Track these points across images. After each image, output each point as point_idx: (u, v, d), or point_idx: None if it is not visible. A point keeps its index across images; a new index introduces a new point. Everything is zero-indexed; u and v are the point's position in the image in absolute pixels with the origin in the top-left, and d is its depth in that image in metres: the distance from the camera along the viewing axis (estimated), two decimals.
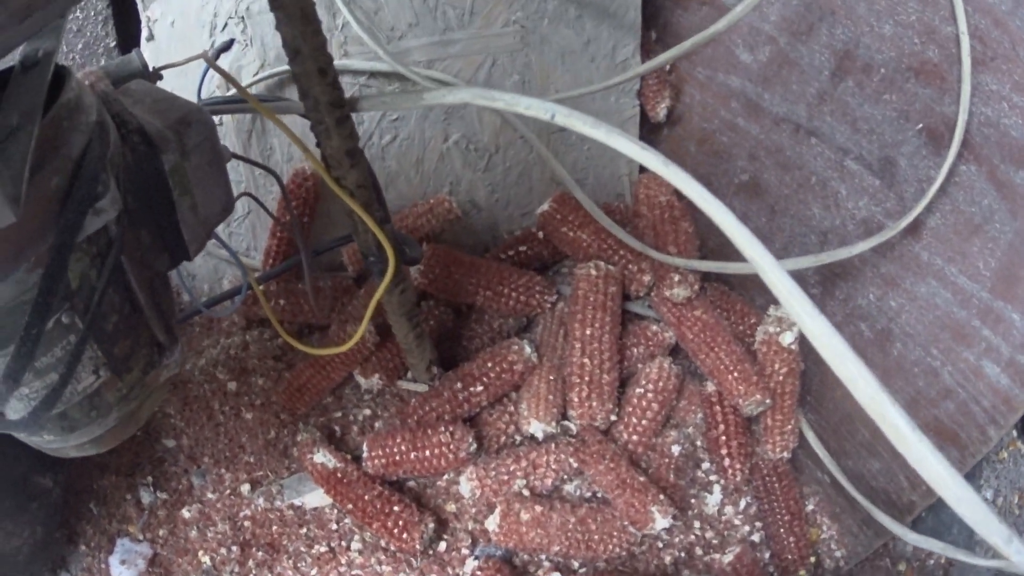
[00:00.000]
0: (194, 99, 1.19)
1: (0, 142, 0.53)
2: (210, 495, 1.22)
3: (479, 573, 1.10)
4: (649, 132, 1.37)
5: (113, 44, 1.43)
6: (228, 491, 1.21)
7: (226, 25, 1.24)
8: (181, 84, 1.27)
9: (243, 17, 1.24)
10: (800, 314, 0.48)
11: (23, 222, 0.55)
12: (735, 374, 1.15)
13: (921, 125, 1.03)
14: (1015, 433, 1.22)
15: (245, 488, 1.21)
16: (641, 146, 0.60)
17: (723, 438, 1.18)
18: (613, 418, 1.18)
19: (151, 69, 0.86)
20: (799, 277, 1.18)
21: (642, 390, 1.18)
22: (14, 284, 0.60)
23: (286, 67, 1.24)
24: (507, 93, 0.68)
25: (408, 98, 0.82)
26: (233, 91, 1.23)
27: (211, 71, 1.21)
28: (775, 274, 0.50)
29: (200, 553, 1.18)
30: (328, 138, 0.85)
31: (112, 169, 0.66)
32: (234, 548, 1.17)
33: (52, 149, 0.60)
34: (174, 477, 1.24)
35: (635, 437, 1.17)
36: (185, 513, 1.20)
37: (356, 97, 0.86)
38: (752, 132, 1.22)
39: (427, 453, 1.14)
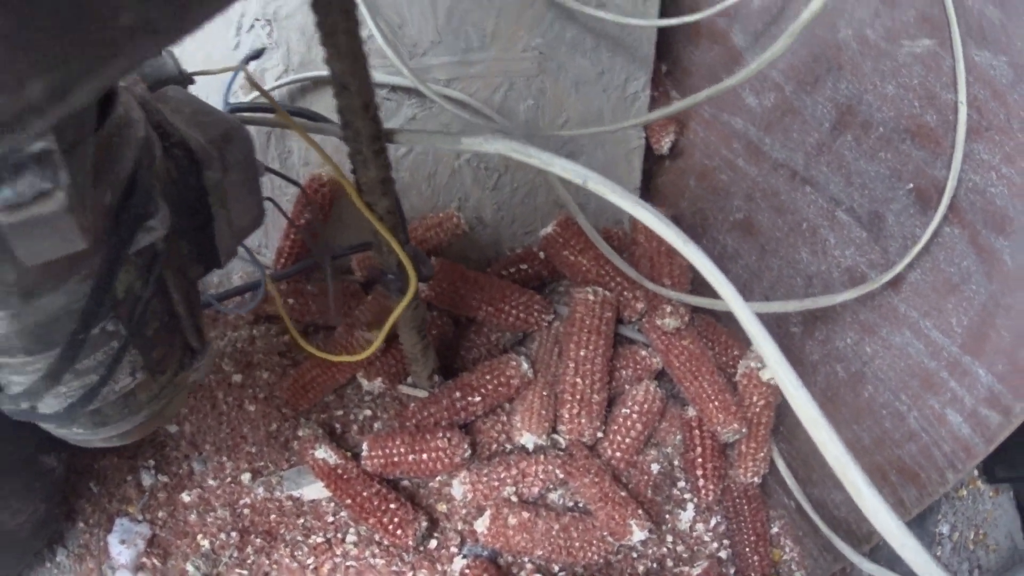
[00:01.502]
0: (220, 102, 1.21)
1: (64, 166, 0.49)
2: (211, 481, 1.25)
3: (467, 571, 1.17)
4: (652, 163, 1.42)
5: None
6: (229, 479, 1.26)
7: (252, 26, 1.25)
8: (203, 81, 1.28)
9: (270, 20, 1.24)
10: (786, 384, 0.56)
11: None
12: (716, 403, 1.22)
13: (911, 185, 1.07)
14: (976, 472, 1.30)
15: (246, 477, 1.26)
16: (666, 223, 0.65)
17: (699, 460, 1.26)
18: (600, 435, 1.25)
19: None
20: (784, 317, 1.25)
21: (628, 410, 1.25)
22: (65, 294, 0.61)
23: (309, 73, 1.26)
24: (543, 152, 0.71)
25: (444, 139, 0.85)
26: (255, 94, 1.25)
27: (240, 75, 1.22)
28: (769, 348, 0.57)
29: (199, 536, 1.21)
30: (366, 168, 0.88)
31: (158, 183, 0.67)
32: (233, 534, 1.21)
33: (106, 166, 0.59)
34: (175, 462, 1.27)
35: (618, 454, 1.25)
36: (185, 497, 1.24)
37: (394, 130, 0.89)
38: (751, 173, 1.28)
39: (424, 456, 1.21)
